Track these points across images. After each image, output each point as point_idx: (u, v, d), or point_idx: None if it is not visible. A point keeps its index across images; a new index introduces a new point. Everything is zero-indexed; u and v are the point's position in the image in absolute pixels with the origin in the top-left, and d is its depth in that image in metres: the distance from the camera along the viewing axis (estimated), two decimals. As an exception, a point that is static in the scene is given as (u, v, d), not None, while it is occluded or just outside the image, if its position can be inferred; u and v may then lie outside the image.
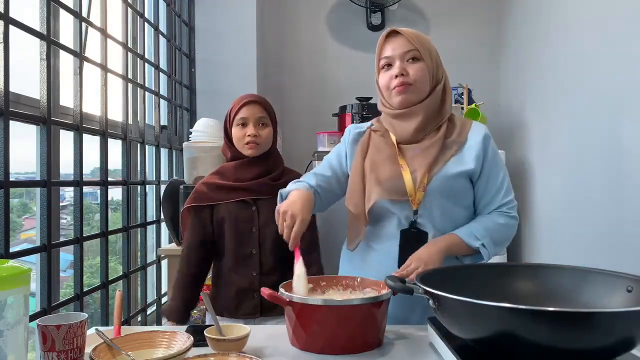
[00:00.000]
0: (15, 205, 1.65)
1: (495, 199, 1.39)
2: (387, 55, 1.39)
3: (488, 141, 1.40)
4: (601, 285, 1.06)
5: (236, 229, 1.65)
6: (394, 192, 1.35)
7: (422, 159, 1.36)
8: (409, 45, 1.37)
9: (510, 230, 1.40)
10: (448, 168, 1.36)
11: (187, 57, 2.77)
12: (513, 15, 2.94)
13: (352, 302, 1.10)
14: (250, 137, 1.65)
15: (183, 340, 1.04)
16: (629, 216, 1.66)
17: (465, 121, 1.46)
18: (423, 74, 1.37)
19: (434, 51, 1.42)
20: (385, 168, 1.38)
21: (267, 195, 1.63)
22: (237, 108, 1.67)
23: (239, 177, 1.68)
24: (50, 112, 1.48)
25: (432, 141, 1.38)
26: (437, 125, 1.41)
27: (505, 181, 1.41)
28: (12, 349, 0.90)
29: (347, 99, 2.89)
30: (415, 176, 1.35)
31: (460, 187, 1.38)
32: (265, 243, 1.65)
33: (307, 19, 3.22)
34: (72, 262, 1.65)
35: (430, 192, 1.35)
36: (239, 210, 1.66)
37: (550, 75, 2.33)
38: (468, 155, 1.38)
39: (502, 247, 1.39)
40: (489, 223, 1.37)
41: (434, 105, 1.40)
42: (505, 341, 0.88)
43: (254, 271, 1.65)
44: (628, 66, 1.68)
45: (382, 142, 1.44)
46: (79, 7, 1.66)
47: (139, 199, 2.14)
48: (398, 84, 1.37)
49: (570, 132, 2.11)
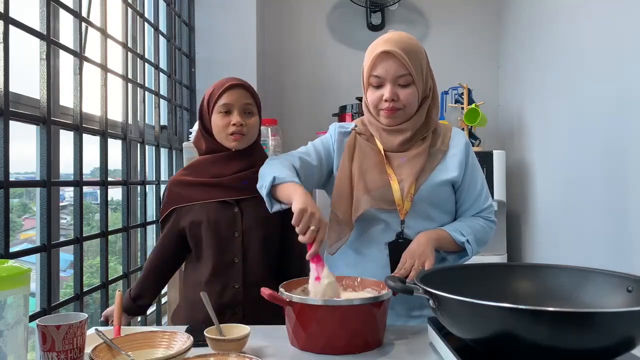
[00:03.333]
0: (15, 205, 1.65)
1: (476, 204, 1.43)
2: (378, 75, 1.33)
3: (469, 147, 1.44)
4: (601, 285, 1.06)
5: (215, 234, 1.42)
6: (382, 202, 1.36)
7: (410, 168, 1.37)
8: (402, 70, 1.31)
9: (490, 233, 1.45)
10: (434, 177, 1.38)
11: (187, 57, 2.77)
12: (513, 15, 2.93)
13: (352, 302, 1.10)
14: (236, 126, 1.42)
15: (183, 340, 1.04)
16: (629, 216, 1.66)
17: (446, 128, 1.47)
18: (413, 98, 1.35)
19: (424, 63, 1.37)
20: (374, 176, 1.38)
21: (252, 194, 1.40)
22: (218, 92, 1.44)
23: (216, 173, 1.46)
24: (50, 112, 1.48)
25: (419, 150, 1.39)
26: (423, 135, 1.41)
27: (484, 187, 1.45)
28: (12, 349, 0.90)
29: (347, 99, 2.90)
30: (403, 186, 1.36)
31: (445, 195, 1.41)
32: (250, 250, 1.44)
33: (307, 19, 3.22)
34: (72, 262, 1.65)
35: (417, 202, 1.36)
36: (218, 212, 1.43)
37: (550, 75, 2.33)
38: (451, 163, 1.40)
39: (483, 247, 1.43)
40: (472, 223, 1.41)
41: (420, 120, 1.40)
42: (505, 341, 0.88)
43: (235, 283, 1.42)
44: (628, 66, 1.68)
45: (368, 148, 1.42)
46: (79, 7, 1.66)
47: (138, 199, 2.14)
48: (388, 108, 1.34)
49: (570, 132, 2.11)
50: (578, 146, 2.03)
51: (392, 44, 1.32)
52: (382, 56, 1.32)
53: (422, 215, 1.38)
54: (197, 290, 1.32)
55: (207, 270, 1.44)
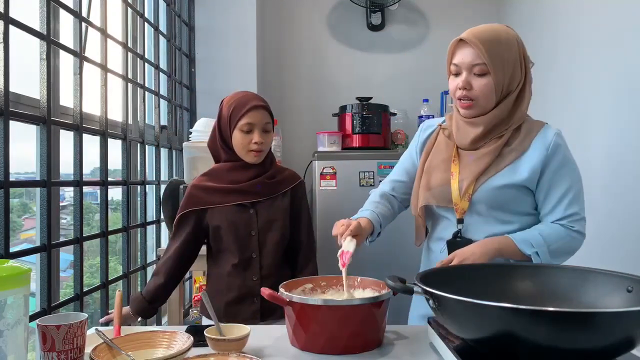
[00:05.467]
0: (15, 205, 1.65)
1: (557, 209, 1.33)
2: (456, 62, 1.33)
3: (556, 149, 1.33)
4: (601, 285, 1.06)
5: (235, 233, 1.57)
6: (440, 199, 1.38)
7: (473, 167, 1.35)
8: (477, 58, 1.29)
9: (571, 243, 1.34)
10: (497, 179, 1.33)
11: (187, 57, 2.77)
12: (513, 15, 2.93)
13: (352, 302, 1.11)
14: (257, 144, 1.55)
15: (183, 340, 1.04)
16: (629, 216, 1.66)
17: (534, 126, 1.38)
18: (488, 89, 1.30)
19: (510, 55, 1.31)
20: (437, 174, 1.40)
21: (265, 197, 1.59)
22: (241, 112, 1.54)
23: (233, 179, 1.60)
24: (50, 112, 1.48)
25: (488, 150, 1.35)
26: (500, 133, 1.36)
27: (570, 193, 1.33)
28: (12, 349, 0.90)
29: (347, 99, 2.90)
30: (462, 185, 1.35)
31: (510, 197, 1.34)
32: (266, 246, 1.60)
33: (307, 18, 3.22)
34: (72, 262, 1.65)
35: (475, 202, 1.34)
36: (236, 215, 1.58)
37: (550, 75, 2.33)
38: (525, 164, 1.33)
39: (560, 259, 1.34)
40: (550, 231, 1.32)
41: (499, 116, 1.34)
42: (505, 341, 0.88)
43: (254, 276, 1.59)
44: (628, 66, 1.68)
45: (444, 144, 1.44)
46: (79, 7, 1.66)
47: (139, 199, 2.14)
48: (461, 96, 1.33)
49: (570, 132, 2.11)
50: (578, 146, 2.03)
51: (472, 33, 1.31)
52: (460, 44, 1.33)
53: (483, 216, 1.35)
54: (220, 282, 1.61)
55: (230, 266, 1.59)
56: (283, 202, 1.62)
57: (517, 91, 1.35)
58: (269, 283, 1.43)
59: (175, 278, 1.62)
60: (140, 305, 1.57)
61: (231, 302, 1.58)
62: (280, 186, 1.63)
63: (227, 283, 1.59)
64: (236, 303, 1.58)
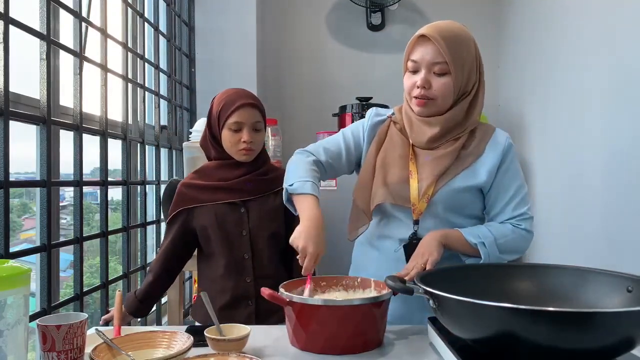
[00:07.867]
0: (15, 205, 1.65)
1: (506, 210, 1.35)
2: (415, 59, 1.30)
3: (508, 152, 1.35)
4: (601, 285, 1.07)
5: (224, 233, 1.52)
6: (398, 198, 1.34)
7: (432, 168, 1.33)
8: (438, 57, 1.26)
9: (520, 242, 1.35)
10: (456, 182, 1.33)
11: (187, 57, 2.77)
12: (513, 15, 2.94)
13: (352, 302, 1.10)
14: (246, 143, 1.50)
15: (183, 340, 1.04)
16: (629, 216, 1.66)
17: (487, 130, 1.39)
18: (447, 89, 1.29)
19: (469, 56, 1.30)
20: (395, 170, 1.36)
21: (256, 195, 1.54)
22: (229, 110, 1.50)
23: (222, 177, 1.55)
24: (50, 112, 1.48)
25: (447, 152, 1.33)
26: (456, 135, 1.35)
27: (519, 194, 1.35)
28: (12, 349, 0.90)
29: (347, 99, 2.90)
30: (422, 185, 1.32)
31: (467, 200, 1.35)
32: (258, 246, 1.54)
33: (307, 19, 3.22)
34: (72, 262, 1.65)
35: (433, 204, 1.33)
36: (226, 213, 1.52)
37: (550, 75, 2.33)
38: (481, 168, 1.34)
39: (508, 255, 1.34)
40: (497, 228, 1.33)
41: (455, 118, 1.33)
42: (505, 341, 0.88)
43: (247, 277, 1.52)
44: (628, 66, 1.68)
45: (398, 139, 1.39)
46: (79, 7, 1.66)
47: (139, 199, 2.14)
48: (418, 95, 1.30)
49: (570, 132, 2.11)
50: (578, 146, 2.03)
51: (434, 29, 1.28)
52: (421, 40, 1.29)
53: (438, 218, 1.34)
54: (212, 285, 1.53)
55: (221, 267, 1.54)
56: (276, 200, 1.54)
57: (473, 93, 1.35)
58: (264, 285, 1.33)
59: (165, 278, 1.60)
60: (132, 304, 1.56)
61: (224, 306, 1.52)
62: (273, 184, 1.56)
63: (220, 286, 1.53)
64: (230, 306, 1.52)
